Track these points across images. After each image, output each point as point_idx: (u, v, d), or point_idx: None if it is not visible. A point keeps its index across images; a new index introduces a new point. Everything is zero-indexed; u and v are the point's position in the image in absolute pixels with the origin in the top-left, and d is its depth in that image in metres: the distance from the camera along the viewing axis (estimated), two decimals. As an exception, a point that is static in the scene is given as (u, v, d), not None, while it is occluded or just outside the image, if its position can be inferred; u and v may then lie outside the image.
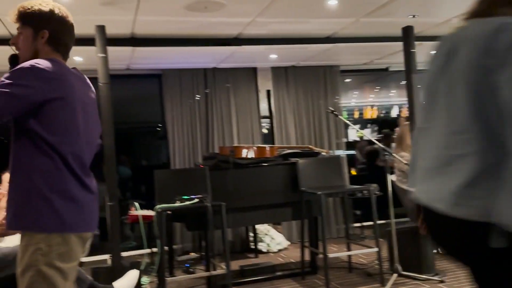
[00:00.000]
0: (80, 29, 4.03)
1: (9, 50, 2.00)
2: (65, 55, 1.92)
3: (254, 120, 6.05)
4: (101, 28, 3.64)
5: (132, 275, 3.13)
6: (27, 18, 1.83)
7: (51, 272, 1.69)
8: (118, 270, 3.58)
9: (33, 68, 1.71)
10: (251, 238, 5.57)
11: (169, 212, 3.81)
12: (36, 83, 1.70)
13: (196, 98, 5.81)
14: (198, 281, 4.38)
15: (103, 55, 3.63)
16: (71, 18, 1.92)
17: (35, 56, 1.83)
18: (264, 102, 6.18)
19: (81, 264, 3.59)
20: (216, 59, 5.52)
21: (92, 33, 3.83)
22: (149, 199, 6.06)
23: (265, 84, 6.17)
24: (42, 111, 1.71)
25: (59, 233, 1.70)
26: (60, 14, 1.87)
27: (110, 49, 3.88)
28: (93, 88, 2.04)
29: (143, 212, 4.68)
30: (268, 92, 6.22)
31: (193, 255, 5.41)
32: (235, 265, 4.52)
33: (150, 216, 4.66)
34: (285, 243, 5.67)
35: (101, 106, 3.72)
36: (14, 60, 1.90)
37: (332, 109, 4.41)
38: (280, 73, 6.13)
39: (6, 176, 4.49)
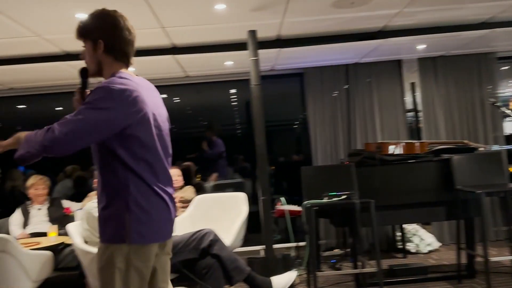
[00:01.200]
0: (233, 35, 4.39)
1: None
2: (128, 64, 1.93)
3: (399, 115, 5.83)
4: (253, 33, 3.84)
5: (290, 276, 3.26)
6: (84, 32, 1.89)
7: (125, 273, 1.78)
8: (271, 262, 3.77)
9: (111, 90, 1.74)
10: (398, 238, 5.39)
11: (315, 208, 3.88)
12: (116, 105, 1.73)
13: (334, 94, 5.80)
14: (345, 278, 4.39)
15: (255, 58, 3.82)
16: (126, 23, 1.90)
17: (100, 67, 1.89)
18: (408, 95, 5.92)
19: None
20: (358, 54, 5.44)
21: (243, 38, 4.08)
22: (291, 194, 6.24)
23: (409, 76, 5.90)
24: (121, 131, 1.75)
25: (140, 244, 1.78)
26: (111, 21, 1.87)
27: (259, 51, 4.08)
28: (158, 93, 2.03)
29: (290, 207, 4.83)
30: (413, 84, 5.94)
31: (337, 251, 5.43)
32: (383, 264, 4.41)
33: (296, 211, 4.81)
34: (436, 244, 5.37)
35: (253, 106, 3.93)
36: (83, 73, 1.96)
37: (494, 100, 4.03)
38: (427, 64, 5.80)
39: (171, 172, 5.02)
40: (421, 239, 5.30)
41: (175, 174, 4.96)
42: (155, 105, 1.89)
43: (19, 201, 5.11)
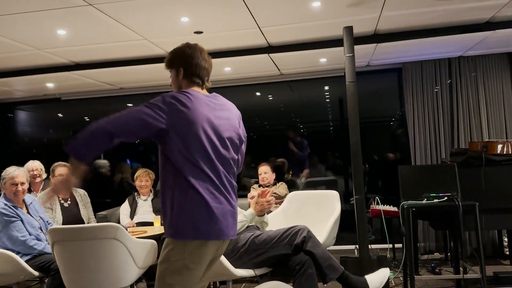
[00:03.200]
0: (328, 32, 4.36)
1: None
2: (203, 84, 2.24)
3: (508, 112, 5.39)
4: (349, 29, 3.78)
5: (384, 273, 3.19)
6: (169, 62, 2.25)
7: (183, 268, 2.01)
8: (365, 261, 3.70)
9: (164, 96, 2.03)
10: (505, 243, 5.00)
11: (413, 209, 3.74)
12: (162, 111, 2.00)
13: (435, 90, 5.51)
14: (445, 283, 4.17)
15: (351, 54, 3.77)
16: (203, 53, 2.23)
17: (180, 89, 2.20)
18: (519, 91, 5.45)
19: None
20: (462, 47, 5.11)
21: (339, 34, 4.03)
22: (386, 194, 6.05)
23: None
24: (172, 138, 2.01)
25: (195, 240, 2.01)
26: (190, 52, 2.21)
27: (354, 47, 4.01)
28: (231, 110, 2.28)
29: (385, 207, 4.70)
30: (525, 79, 5.46)
31: (437, 255, 5.17)
32: (488, 270, 4.13)
33: (392, 212, 4.66)
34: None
35: (348, 104, 3.88)
36: None
37: None
38: (542, 56, 5.31)
39: (261, 169, 5.13)
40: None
41: (263, 171, 5.08)
42: (215, 117, 2.12)
43: (127, 192, 5.55)
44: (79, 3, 3.35)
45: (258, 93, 7.18)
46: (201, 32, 4.18)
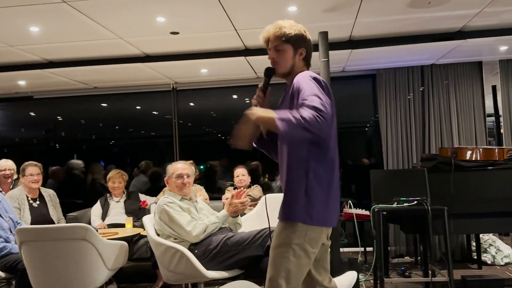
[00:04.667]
0: (304, 36, 4.39)
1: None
2: (308, 68, 2.24)
3: (477, 119, 5.53)
4: (324, 34, 3.83)
5: (351, 276, 3.22)
6: (289, 38, 2.16)
7: (301, 252, 2.03)
8: (336, 264, 3.73)
9: (320, 81, 2.01)
10: (474, 248, 5.12)
11: (384, 212, 3.80)
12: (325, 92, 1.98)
13: (408, 97, 5.62)
14: (414, 286, 4.25)
15: (326, 59, 3.81)
16: None
17: (292, 69, 2.17)
18: (488, 99, 5.60)
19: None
20: (435, 55, 5.24)
21: (314, 39, 4.06)
22: (360, 198, 6.12)
23: (490, 79, 5.59)
24: None
25: (313, 225, 2.03)
26: (308, 36, 2.21)
27: (330, 53, 4.06)
28: None
29: (357, 211, 4.76)
30: (494, 87, 5.62)
31: (407, 258, 5.26)
32: (456, 274, 4.22)
33: (364, 215, 4.72)
34: (514, 256, 5.05)
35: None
36: (269, 72, 2.22)
37: None
38: (511, 66, 5.47)
39: (237, 171, 5.14)
40: (498, 250, 5.01)
41: (240, 173, 5.07)
42: None
43: (99, 193, 5.47)
44: (53, 0, 3.30)
45: (235, 96, 7.18)
46: (178, 33, 4.17)
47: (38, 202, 4.44)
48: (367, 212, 4.67)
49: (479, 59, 5.51)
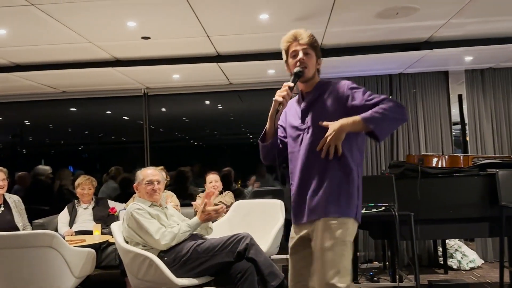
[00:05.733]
0: (275, 44, 4.39)
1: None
2: None
3: (444, 127, 5.69)
4: (295, 42, 3.87)
5: None
6: (317, 46, 2.34)
7: (351, 248, 2.17)
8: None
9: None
10: (440, 253, 5.25)
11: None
12: None
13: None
14: (382, 291, 4.32)
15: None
16: None
17: (314, 75, 2.34)
18: (454, 107, 5.77)
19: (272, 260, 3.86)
20: (403, 65, 5.37)
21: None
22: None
23: (456, 88, 5.76)
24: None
25: (355, 220, 2.20)
26: None
27: (301, 60, 4.11)
28: None
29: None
30: (460, 96, 5.79)
31: (376, 263, 5.34)
32: (423, 279, 4.32)
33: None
34: (478, 261, 5.19)
35: (293, 115, 3.96)
36: (299, 75, 2.30)
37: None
38: (476, 76, 5.65)
39: (209, 177, 5.12)
40: (464, 255, 5.14)
41: (213, 179, 5.06)
42: None
43: (67, 200, 5.36)
44: (20, 2, 3.23)
45: (207, 102, 7.18)
46: (149, 38, 4.14)
47: (2, 208, 4.32)
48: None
49: (446, 69, 5.67)
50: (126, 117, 7.44)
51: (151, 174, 3.51)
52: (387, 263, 5.10)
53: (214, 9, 3.57)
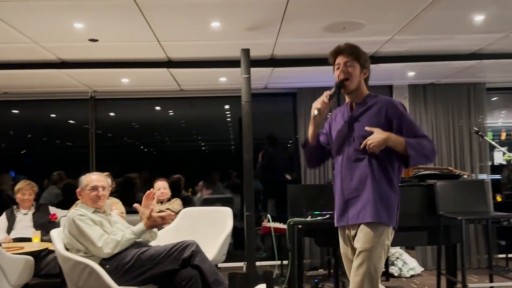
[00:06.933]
0: (227, 53, 4.47)
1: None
2: None
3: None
4: (246, 51, 3.93)
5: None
6: (359, 57, 2.41)
7: (386, 252, 2.35)
8: (252, 277, 3.79)
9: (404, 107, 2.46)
10: (382, 260, 5.41)
11: (299, 226, 3.91)
12: None
13: (328, 116, 5.86)
14: (326, 298, 4.40)
15: (247, 75, 3.90)
16: None
17: (358, 87, 2.42)
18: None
19: (219, 268, 3.86)
20: (350, 78, 5.53)
21: (237, 55, 4.16)
22: (279, 212, 6.26)
23: (401, 101, 6.00)
24: None
25: (393, 226, 2.34)
26: (369, 59, 2.46)
27: (252, 69, 4.16)
28: None
29: (275, 224, 4.86)
30: (404, 110, 6.04)
31: (321, 271, 5.44)
32: (365, 285, 4.44)
33: (282, 229, 4.82)
34: (418, 269, 5.40)
35: (243, 123, 4.00)
36: (341, 85, 2.38)
37: (477, 129, 4.14)
38: (418, 90, 5.92)
39: (158, 184, 5.05)
40: (404, 263, 5.33)
41: (162, 186, 5.00)
42: None
43: (7, 205, 5.11)
44: (-41, -3, 3.10)
45: (158, 108, 7.09)
46: (97, 40, 4.06)
47: None
48: (285, 226, 4.77)
49: (390, 83, 5.91)
50: (71, 121, 7.22)
51: (96, 179, 3.42)
52: (331, 271, 5.20)
53: (165, 15, 3.55)
